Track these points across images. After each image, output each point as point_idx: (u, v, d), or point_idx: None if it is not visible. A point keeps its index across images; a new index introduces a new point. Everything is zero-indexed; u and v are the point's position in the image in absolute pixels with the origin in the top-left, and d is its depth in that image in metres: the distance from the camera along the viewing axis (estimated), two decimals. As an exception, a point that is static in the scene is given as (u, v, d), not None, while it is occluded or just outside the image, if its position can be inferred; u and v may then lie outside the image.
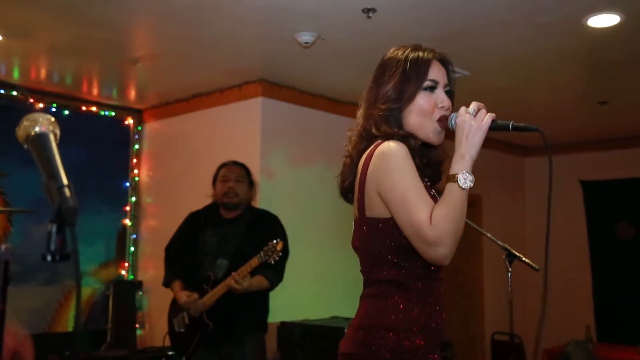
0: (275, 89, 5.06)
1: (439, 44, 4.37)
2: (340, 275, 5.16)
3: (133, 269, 5.79)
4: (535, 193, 7.66)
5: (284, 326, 4.46)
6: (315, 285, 5.13)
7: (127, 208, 5.84)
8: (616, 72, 4.69)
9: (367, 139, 1.75)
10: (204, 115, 5.44)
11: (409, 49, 1.80)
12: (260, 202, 4.63)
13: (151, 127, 5.97)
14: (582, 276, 7.03)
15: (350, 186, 1.79)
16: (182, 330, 3.65)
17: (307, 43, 3.97)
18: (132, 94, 5.52)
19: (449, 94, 1.78)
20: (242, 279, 3.41)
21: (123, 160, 5.88)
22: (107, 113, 5.76)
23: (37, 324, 5.03)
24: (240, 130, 5.11)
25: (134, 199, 5.87)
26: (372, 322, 1.67)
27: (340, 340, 1.79)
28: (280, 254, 3.47)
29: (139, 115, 5.96)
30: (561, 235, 7.28)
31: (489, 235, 3.34)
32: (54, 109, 5.33)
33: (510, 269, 3.10)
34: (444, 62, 1.82)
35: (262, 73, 4.89)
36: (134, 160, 5.93)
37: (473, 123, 1.63)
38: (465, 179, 1.58)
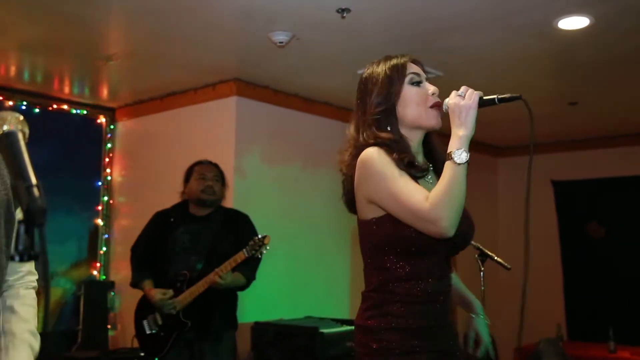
0: (250, 88, 5.05)
1: (413, 45, 4.45)
2: (314, 275, 5.17)
3: (105, 269, 5.73)
4: (507, 193, 7.75)
5: (257, 326, 4.45)
6: (290, 285, 5.13)
7: (99, 207, 5.77)
8: (586, 73, 4.77)
9: (358, 157, 1.79)
10: (177, 114, 5.40)
11: (382, 60, 1.89)
12: (235, 201, 4.61)
13: (124, 125, 5.91)
14: (553, 275, 7.12)
15: (353, 200, 1.86)
16: (155, 331, 3.61)
17: (281, 42, 3.96)
18: (105, 92, 5.46)
19: None
20: (225, 275, 3.42)
21: (95, 159, 5.81)
22: (78, 111, 5.69)
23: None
24: (215, 130, 5.09)
25: (106, 198, 5.80)
26: (358, 322, 1.80)
27: (312, 341, 1.84)
28: (268, 247, 3.50)
29: (111, 113, 5.90)
30: (533, 234, 7.38)
31: (461, 234, 3.36)
32: (23, 107, 5.25)
33: (482, 268, 3.13)
34: (417, 62, 1.91)
35: (237, 72, 4.87)
36: (106, 160, 5.86)
37: (463, 103, 1.74)
38: (460, 155, 1.71)
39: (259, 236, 3.49)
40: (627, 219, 6.74)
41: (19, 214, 1.20)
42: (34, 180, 1.03)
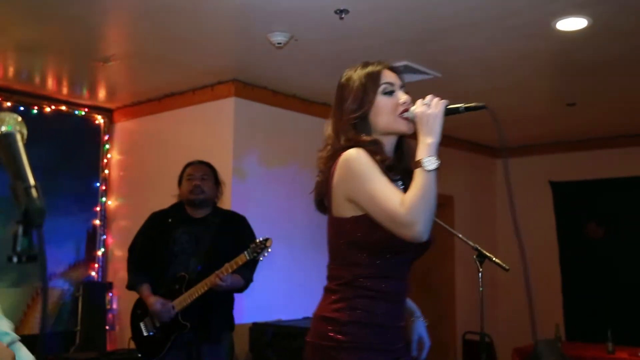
0: (248, 89, 5.05)
1: (411, 46, 4.45)
2: (313, 275, 5.15)
3: (103, 270, 5.72)
4: (506, 194, 7.75)
5: (256, 327, 4.45)
6: (289, 285, 5.13)
7: (97, 209, 5.77)
8: (584, 74, 4.77)
9: (336, 156, 1.87)
10: (176, 115, 5.40)
11: (360, 66, 1.97)
12: (233, 202, 4.61)
13: (122, 126, 5.91)
14: (551, 276, 7.13)
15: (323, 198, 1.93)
16: (152, 333, 3.58)
17: (280, 43, 3.96)
18: (103, 93, 5.46)
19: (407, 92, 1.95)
20: (226, 277, 3.41)
21: (93, 160, 5.81)
22: (77, 112, 5.68)
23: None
24: (213, 130, 5.09)
25: (104, 199, 5.80)
26: (324, 314, 1.86)
27: None
28: (270, 250, 3.48)
29: (109, 114, 5.89)
30: (531, 235, 7.38)
31: (460, 235, 3.37)
32: (22, 108, 5.24)
33: (481, 269, 3.13)
34: (394, 70, 1.99)
35: (235, 73, 4.87)
36: (105, 161, 5.86)
37: (429, 111, 1.80)
38: (429, 162, 1.75)
39: (261, 239, 3.47)
40: (626, 219, 6.75)
41: None
42: (32, 181, 1.03)
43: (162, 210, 3.86)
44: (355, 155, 1.78)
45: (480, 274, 3.12)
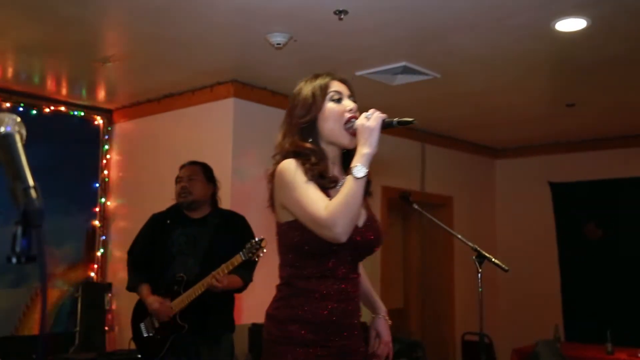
0: (247, 89, 5.05)
1: (410, 46, 4.45)
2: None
3: (102, 270, 5.72)
4: (505, 195, 7.76)
5: (255, 327, 4.45)
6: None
7: (97, 209, 5.77)
8: (583, 75, 4.78)
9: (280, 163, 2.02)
10: (175, 116, 5.40)
11: (310, 78, 2.14)
12: (232, 203, 4.61)
13: (121, 127, 5.90)
14: (551, 276, 7.14)
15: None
16: (152, 334, 3.59)
17: (279, 44, 3.96)
18: (102, 93, 5.45)
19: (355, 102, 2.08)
20: (222, 278, 3.39)
21: (92, 160, 5.81)
22: (76, 113, 5.68)
23: (3, 326, 4.95)
24: (212, 131, 5.09)
25: (103, 200, 5.80)
26: (268, 311, 2.05)
27: None
28: (265, 250, 3.46)
29: (108, 115, 5.89)
30: (531, 236, 7.40)
31: (459, 236, 3.37)
32: (21, 109, 5.24)
33: (480, 270, 3.13)
34: (343, 81, 2.14)
35: (234, 74, 4.87)
36: (104, 161, 5.86)
37: (368, 124, 1.90)
38: (359, 170, 1.85)
39: (256, 239, 3.45)
40: (625, 220, 6.75)
41: None
42: (31, 182, 1.03)
43: (161, 212, 3.86)
44: (286, 166, 1.94)
45: (479, 275, 3.12)
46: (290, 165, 1.94)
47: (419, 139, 6.70)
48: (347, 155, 2.04)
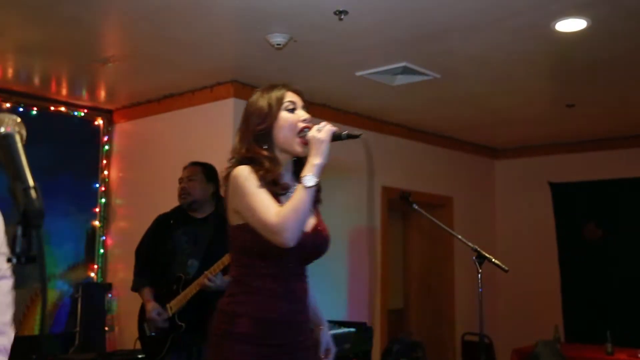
0: (247, 90, 5.04)
1: (410, 47, 4.45)
2: (312, 276, 5.16)
3: (102, 271, 5.72)
4: (505, 195, 7.76)
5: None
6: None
7: (97, 209, 5.76)
8: (583, 75, 4.77)
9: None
10: (175, 116, 5.40)
11: (266, 87, 2.23)
12: (232, 203, 4.61)
13: (121, 127, 5.90)
14: (550, 277, 7.13)
15: None
16: (154, 333, 3.61)
17: (279, 44, 3.96)
18: (102, 94, 5.45)
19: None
20: (214, 277, 3.39)
21: (93, 161, 5.80)
22: (76, 113, 5.68)
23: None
24: (212, 132, 5.09)
25: (103, 200, 5.79)
26: (219, 307, 2.14)
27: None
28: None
29: (109, 115, 5.89)
30: (530, 236, 7.40)
31: (459, 236, 3.37)
32: (21, 109, 5.24)
33: (480, 270, 3.13)
34: (298, 92, 2.25)
35: (234, 74, 4.87)
36: (104, 161, 5.86)
37: (318, 136, 2.03)
38: (309, 180, 1.97)
39: None
40: (625, 221, 6.75)
41: None
42: (31, 182, 1.03)
43: (166, 212, 3.89)
44: (239, 172, 2.06)
45: (479, 275, 3.12)
46: (243, 171, 2.05)
47: (420, 139, 6.70)
48: (298, 163, 2.15)
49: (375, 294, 6.08)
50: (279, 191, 2.09)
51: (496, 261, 3.13)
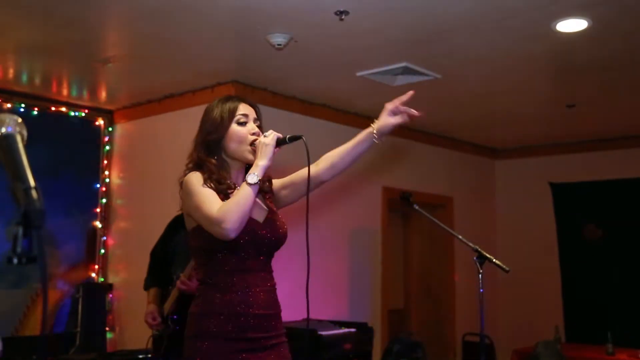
0: (248, 90, 5.05)
1: (411, 47, 4.45)
2: (314, 277, 5.16)
3: (103, 271, 5.72)
4: (505, 195, 7.76)
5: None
6: (288, 287, 5.12)
7: (97, 210, 5.76)
8: (584, 75, 4.77)
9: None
10: (175, 117, 5.40)
11: (222, 99, 2.36)
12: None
13: (122, 128, 5.91)
14: (551, 277, 7.13)
15: None
16: (158, 333, 3.64)
17: (279, 45, 3.96)
18: (103, 94, 5.46)
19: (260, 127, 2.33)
20: (187, 280, 3.31)
21: (93, 161, 5.80)
22: (77, 114, 5.68)
23: (4, 327, 4.94)
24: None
25: (104, 200, 5.79)
26: (190, 310, 2.24)
27: (311, 343, 2.06)
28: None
29: (109, 116, 5.89)
30: (531, 236, 7.40)
31: (459, 236, 3.37)
32: (22, 110, 5.24)
33: (481, 270, 3.13)
34: (252, 105, 2.35)
35: (235, 74, 4.87)
36: (105, 162, 5.86)
37: (264, 141, 2.17)
38: (252, 178, 2.09)
39: None
40: (625, 221, 6.74)
41: None
42: (32, 182, 1.03)
43: (179, 213, 3.89)
44: (188, 178, 2.19)
45: (480, 275, 3.12)
46: (191, 177, 2.18)
47: (420, 140, 6.70)
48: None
49: (376, 294, 6.08)
50: (225, 190, 2.19)
51: (497, 261, 3.13)
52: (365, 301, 5.94)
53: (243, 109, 2.30)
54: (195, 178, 2.18)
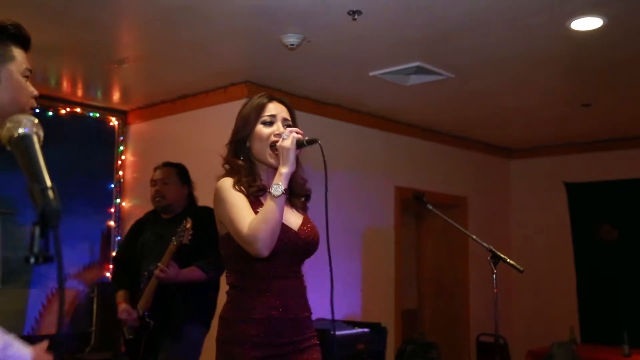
0: (261, 90, 5.02)
1: (424, 46, 4.44)
2: (326, 277, 5.16)
3: (118, 271, 5.75)
4: (520, 195, 7.71)
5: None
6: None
7: (112, 210, 5.80)
8: (599, 74, 4.73)
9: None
10: (189, 117, 5.42)
11: (255, 97, 2.31)
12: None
13: (136, 128, 5.94)
14: (566, 277, 7.08)
15: None
16: (132, 336, 3.64)
17: (292, 45, 3.97)
18: (117, 95, 5.49)
19: (291, 127, 2.25)
20: (166, 268, 3.36)
21: (108, 161, 5.84)
22: (91, 114, 5.72)
23: (20, 326, 4.98)
24: (226, 132, 5.03)
25: (118, 200, 5.83)
26: (221, 314, 2.21)
27: (324, 342, 2.22)
28: (192, 232, 3.37)
29: (123, 116, 5.93)
30: (546, 236, 7.35)
31: (474, 237, 3.35)
32: (37, 110, 5.26)
33: (495, 271, 3.11)
34: (284, 104, 2.30)
35: (248, 75, 4.88)
36: (119, 162, 5.89)
37: (284, 144, 2.10)
38: (276, 189, 2.04)
39: (184, 221, 3.41)
40: (641, 221, 6.68)
41: None
42: (49, 182, 1.04)
43: (140, 217, 3.99)
44: (220, 184, 2.15)
45: (494, 276, 3.10)
46: (223, 184, 2.15)
47: (433, 139, 6.67)
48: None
49: (389, 294, 6.07)
50: (255, 194, 2.16)
51: (511, 262, 3.11)
52: (378, 301, 5.93)
53: (272, 108, 2.25)
54: (226, 185, 2.14)
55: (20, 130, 1.15)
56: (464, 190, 7.04)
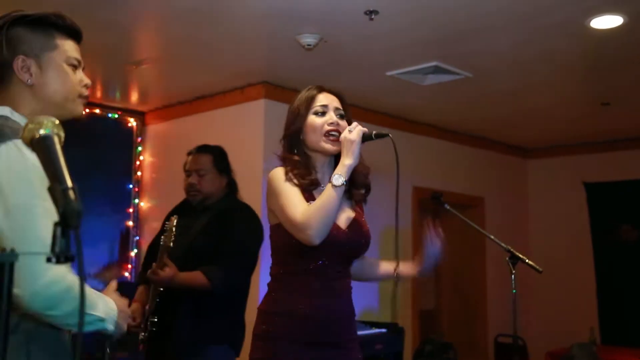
0: (278, 91, 5.07)
1: (441, 46, 4.42)
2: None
3: (136, 270, 5.79)
4: (538, 195, 7.65)
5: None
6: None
7: (130, 210, 5.84)
8: (619, 73, 4.68)
9: None
10: (206, 118, 5.44)
11: (304, 90, 2.30)
12: (264, 204, 4.63)
13: (154, 129, 5.97)
14: (586, 278, 7.01)
15: None
16: (142, 337, 3.35)
17: (309, 45, 3.97)
18: (135, 96, 5.53)
19: (344, 116, 2.25)
20: (160, 270, 2.88)
21: (126, 162, 5.89)
22: (110, 115, 5.77)
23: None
24: (243, 133, 5.12)
25: (137, 200, 5.87)
26: (260, 307, 2.18)
27: None
28: (174, 231, 2.96)
29: (141, 117, 5.97)
30: (565, 237, 7.28)
31: (491, 237, 3.33)
32: (57, 112, 5.33)
33: (513, 271, 3.09)
34: (334, 93, 2.31)
35: (265, 75, 4.89)
36: (137, 162, 5.94)
37: (349, 137, 2.07)
38: (337, 179, 2.00)
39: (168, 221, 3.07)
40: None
41: None
42: (69, 183, 1.04)
43: (175, 206, 3.55)
44: (272, 174, 2.14)
45: (512, 276, 3.08)
46: (276, 174, 2.13)
47: (451, 139, 6.64)
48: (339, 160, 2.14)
49: (407, 295, 6.05)
50: (309, 186, 2.13)
51: (530, 262, 3.08)
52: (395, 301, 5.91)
53: (322, 99, 2.24)
54: (278, 174, 2.13)
55: (42, 131, 1.16)
56: (481, 190, 7.00)
